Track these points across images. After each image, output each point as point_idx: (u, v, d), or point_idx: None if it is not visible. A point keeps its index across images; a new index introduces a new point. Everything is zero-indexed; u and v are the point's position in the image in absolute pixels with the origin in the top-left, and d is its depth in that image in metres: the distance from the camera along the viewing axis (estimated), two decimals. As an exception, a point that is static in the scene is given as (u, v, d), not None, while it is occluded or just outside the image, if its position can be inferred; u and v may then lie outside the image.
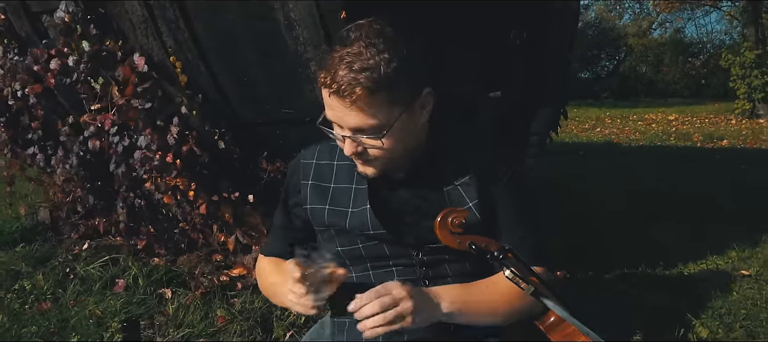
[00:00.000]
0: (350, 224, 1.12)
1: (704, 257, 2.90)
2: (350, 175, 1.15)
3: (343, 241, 1.15)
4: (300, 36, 1.56)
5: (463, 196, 1.12)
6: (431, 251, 1.13)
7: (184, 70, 1.81)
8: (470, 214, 1.09)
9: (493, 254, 0.98)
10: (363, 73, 0.95)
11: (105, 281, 2.54)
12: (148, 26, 1.75)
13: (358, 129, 1.01)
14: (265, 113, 1.83)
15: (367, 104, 0.97)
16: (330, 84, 0.96)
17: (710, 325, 2.14)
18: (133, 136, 2.07)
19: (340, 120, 1.01)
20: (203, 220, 2.41)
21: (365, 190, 1.12)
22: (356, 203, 1.13)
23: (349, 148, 1.03)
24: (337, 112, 1.00)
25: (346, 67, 0.95)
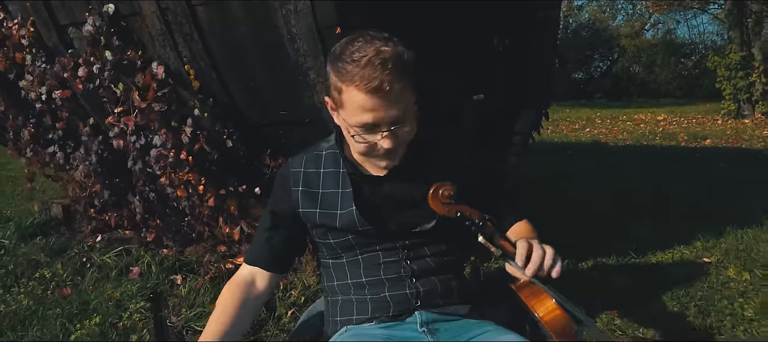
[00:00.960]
0: (340, 224, 1.24)
1: (672, 247, 3.14)
2: (336, 181, 1.27)
3: (336, 235, 1.29)
4: (301, 48, 1.79)
5: None
6: (412, 236, 1.29)
7: (197, 77, 2.04)
8: None
9: (475, 222, 1.12)
10: (395, 67, 1.04)
11: (120, 269, 2.77)
12: (165, 38, 1.98)
13: (396, 120, 1.09)
14: (269, 115, 2.06)
15: (401, 94, 1.07)
16: (375, 88, 1.04)
17: (668, 304, 2.38)
18: (149, 136, 2.30)
19: (380, 118, 1.08)
20: (211, 213, 2.64)
21: (350, 194, 1.24)
22: (343, 206, 1.24)
23: (389, 143, 1.12)
24: (377, 111, 1.07)
25: (380, 67, 1.03)
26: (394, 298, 1.29)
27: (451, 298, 1.34)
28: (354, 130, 1.13)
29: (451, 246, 1.37)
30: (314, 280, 2.42)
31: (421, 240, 1.30)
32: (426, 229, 1.30)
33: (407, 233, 1.28)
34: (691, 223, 3.57)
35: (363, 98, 1.06)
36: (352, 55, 1.08)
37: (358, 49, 1.07)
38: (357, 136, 1.13)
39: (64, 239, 3.32)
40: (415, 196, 1.25)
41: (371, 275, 1.30)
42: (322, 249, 1.36)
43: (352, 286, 1.32)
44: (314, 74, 1.83)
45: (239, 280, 1.32)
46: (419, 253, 1.31)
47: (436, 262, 1.33)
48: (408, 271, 1.30)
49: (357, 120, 1.10)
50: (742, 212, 3.82)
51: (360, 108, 1.08)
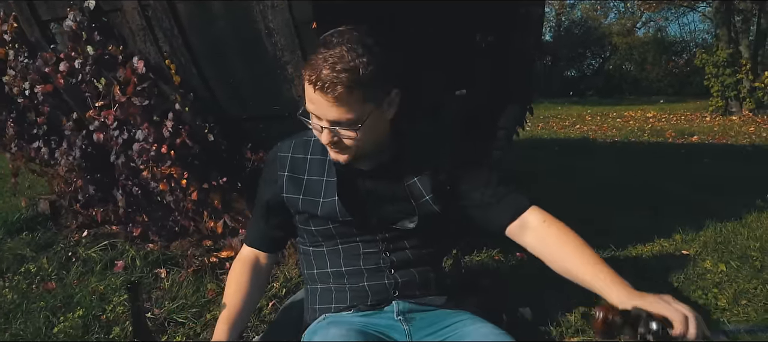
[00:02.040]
0: (322, 212, 1.28)
1: (652, 240, 3.19)
2: (322, 168, 1.30)
3: (317, 223, 1.33)
4: (278, 43, 1.83)
5: (420, 190, 1.32)
6: (392, 230, 1.34)
7: (177, 72, 2.07)
8: (428, 207, 1.32)
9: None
10: (344, 74, 1.07)
11: (105, 263, 2.78)
12: (146, 34, 2.01)
13: (335, 122, 1.13)
14: (249, 110, 2.09)
15: (346, 101, 1.10)
16: (315, 81, 1.09)
17: (643, 295, 2.42)
18: (132, 131, 2.33)
19: (320, 113, 1.14)
20: (195, 207, 2.67)
21: (334, 183, 1.27)
22: (327, 194, 1.28)
23: (326, 138, 1.17)
24: (318, 106, 1.13)
25: (329, 68, 1.07)
26: (373, 287, 1.33)
27: (429, 289, 1.38)
28: (312, 117, 1.19)
29: (430, 239, 1.40)
30: (296, 273, 2.45)
31: (400, 233, 1.34)
32: (406, 227, 1.33)
33: (387, 228, 1.32)
34: (672, 217, 3.61)
35: (309, 88, 1.13)
36: (319, 47, 1.13)
37: (327, 44, 1.12)
38: (313, 120, 1.19)
39: (51, 234, 3.33)
40: (398, 193, 1.30)
41: (351, 265, 1.34)
42: (303, 235, 1.40)
43: (331, 275, 1.36)
44: (292, 68, 1.86)
45: (245, 258, 1.41)
46: (398, 245, 1.35)
47: (415, 254, 1.37)
48: (387, 262, 1.34)
49: (308, 107, 1.17)
50: (722, 206, 3.86)
51: (306, 97, 1.16)
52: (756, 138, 7.90)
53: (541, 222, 1.30)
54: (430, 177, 1.33)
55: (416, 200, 1.32)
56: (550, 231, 1.28)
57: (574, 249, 1.25)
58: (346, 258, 1.35)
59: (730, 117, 11.07)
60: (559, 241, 1.27)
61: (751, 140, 7.67)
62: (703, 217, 3.56)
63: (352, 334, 1.18)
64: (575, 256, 1.24)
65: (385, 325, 1.29)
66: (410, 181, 1.32)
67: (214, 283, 2.41)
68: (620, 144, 7.46)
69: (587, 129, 9.52)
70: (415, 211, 1.32)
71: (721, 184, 4.60)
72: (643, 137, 8.25)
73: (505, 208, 1.32)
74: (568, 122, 10.82)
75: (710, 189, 4.46)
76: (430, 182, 1.33)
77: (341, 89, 1.09)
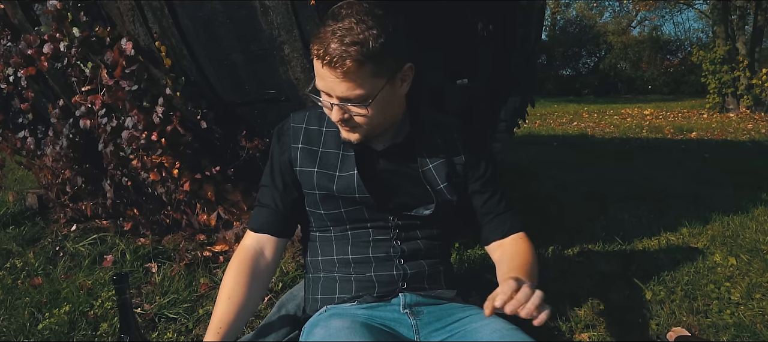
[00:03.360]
0: (337, 187, 1.21)
1: (658, 234, 3.11)
2: (338, 142, 1.24)
3: (328, 205, 1.25)
4: (274, 21, 1.72)
5: (435, 177, 1.27)
6: (405, 217, 1.27)
7: (168, 55, 1.96)
8: (444, 196, 1.27)
9: None
10: (353, 47, 1.02)
11: (94, 257, 2.68)
12: (135, 14, 1.90)
13: (345, 98, 1.09)
14: (244, 94, 1.99)
15: (356, 75, 1.05)
16: (323, 55, 1.04)
17: (654, 288, 2.34)
18: (121, 118, 2.22)
19: (329, 89, 1.09)
20: (187, 199, 2.57)
21: (352, 157, 1.23)
22: (344, 168, 1.22)
23: (337, 115, 1.12)
24: (327, 81, 1.08)
25: (338, 41, 1.02)
26: (380, 278, 1.26)
27: (438, 282, 1.32)
28: (322, 94, 1.14)
29: (442, 230, 1.34)
30: (293, 267, 2.35)
31: (413, 221, 1.28)
32: (422, 214, 1.26)
33: (401, 213, 1.26)
34: (677, 211, 3.55)
35: (317, 63, 1.08)
36: (327, 20, 1.07)
37: (335, 17, 1.06)
38: (322, 97, 1.15)
39: (38, 229, 3.22)
40: (414, 178, 1.25)
41: (358, 253, 1.27)
42: (310, 219, 1.32)
43: (337, 263, 1.28)
44: (288, 49, 1.76)
45: (246, 254, 1.26)
46: (411, 234, 1.28)
47: (426, 245, 1.30)
48: (397, 252, 1.27)
49: (316, 81, 1.12)
50: (727, 201, 3.81)
51: (316, 72, 1.11)
52: (755, 134, 7.87)
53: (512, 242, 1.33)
54: (445, 165, 1.29)
55: (432, 187, 1.27)
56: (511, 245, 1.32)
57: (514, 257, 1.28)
58: (355, 245, 1.28)
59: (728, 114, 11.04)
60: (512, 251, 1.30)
61: (751, 136, 7.63)
62: (709, 211, 3.51)
63: (356, 327, 1.09)
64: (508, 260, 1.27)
65: (390, 319, 1.22)
66: (425, 166, 1.27)
67: (207, 277, 2.30)
68: (619, 140, 7.39)
69: (585, 126, 9.46)
70: (433, 198, 1.26)
71: (723, 179, 4.55)
72: (641, 133, 8.20)
73: (498, 225, 1.33)
74: (566, 119, 10.76)
75: (713, 184, 4.40)
76: (445, 170, 1.28)
77: (350, 63, 1.04)
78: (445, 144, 1.30)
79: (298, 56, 1.76)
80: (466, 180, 1.32)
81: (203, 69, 1.96)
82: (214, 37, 1.85)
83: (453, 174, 1.29)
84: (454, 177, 1.30)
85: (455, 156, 1.30)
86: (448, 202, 1.29)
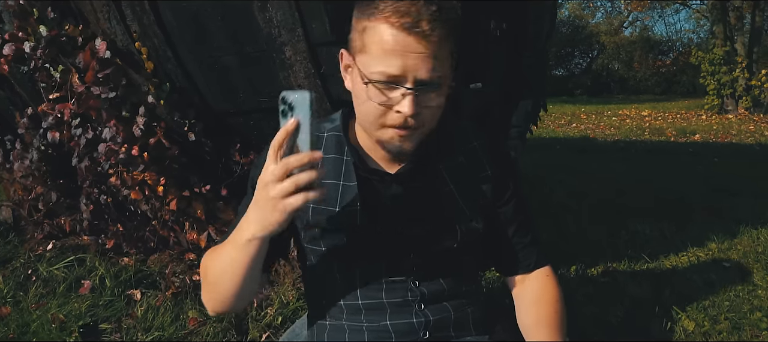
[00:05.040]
0: (337, 225, 1.01)
1: (685, 250, 2.89)
2: (338, 170, 1.01)
3: (329, 241, 1.03)
4: (273, 18, 1.46)
5: (459, 201, 1.04)
6: (424, 252, 1.03)
7: (149, 57, 1.70)
8: (469, 222, 1.04)
9: None
10: (445, 13, 0.85)
11: (70, 283, 2.40)
12: (110, 9, 1.63)
13: (426, 81, 0.86)
14: (237, 102, 1.73)
15: (441, 48, 0.86)
16: (401, 18, 0.83)
17: (696, 317, 2.11)
18: (98, 128, 1.95)
19: (408, 67, 0.85)
20: (174, 217, 2.30)
21: (354, 188, 0.99)
22: (345, 202, 1.00)
23: (410, 107, 0.87)
24: (405, 57, 0.85)
25: (431, 6, 0.84)
26: (398, 327, 1.03)
27: (466, 328, 1.09)
28: (371, 87, 0.88)
29: (469, 265, 1.11)
30: (293, 296, 2.09)
31: (435, 257, 1.05)
32: (445, 247, 1.04)
33: (420, 248, 1.03)
34: (700, 224, 3.34)
35: (393, 35, 0.84)
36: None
37: None
38: (373, 90, 0.88)
39: (11, 247, 2.93)
40: (433, 204, 1.03)
41: (370, 297, 1.03)
42: (310, 257, 1.08)
43: (345, 310, 1.05)
44: (290, 51, 1.50)
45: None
46: (431, 272, 1.05)
47: (451, 284, 1.07)
48: (416, 295, 1.04)
49: (380, 67, 0.86)
50: (749, 211, 3.62)
51: (386, 50, 0.85)
52: (759, 137, 7.72)
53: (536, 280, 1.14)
54: (469, 183, 1.05)
55: (455, 214, 1.04)
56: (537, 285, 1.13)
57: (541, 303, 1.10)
58: (365, 288, 1.04)
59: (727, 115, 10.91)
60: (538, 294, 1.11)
61: (755, 139, 7.47)
62: (733, 223, 3.32)
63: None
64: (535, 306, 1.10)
65: (411, 377, 1.01)
66: (445, 187, 1.03)
67: (195, 309, 2.04)
68: (623, 143, 7.20)
69: (585, 128, 9.27)
70: (456, 228, 1.04)
71: (738, 186, 4.37)
72: (643, 136, 8.02)
73: (524, 257, 1.13)
74: (564, 121, 10.58)
75: (729, 191, 4.22)
76: (469, 190, 1.05)
77: (443, 31, 0.85)
78: (466, 156, 1.06)
79: (302, 60, 1.50)
80: (493, 201, 1.09)
81: (190, 74, 1.70)
82: (202, 37, 1.59)
83: (478, 194, 1.06)
84: (480, 198, 1.06)
85: (480, 171, 1.06)
86: (474, 230, 1.06)
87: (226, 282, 0.94)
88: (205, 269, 1.01)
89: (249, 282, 0.94)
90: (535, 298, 1.10)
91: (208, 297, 1.01)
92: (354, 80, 0.93)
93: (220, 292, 0.97)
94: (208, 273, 1.00)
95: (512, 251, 1.12)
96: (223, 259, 0.94)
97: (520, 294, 1.12)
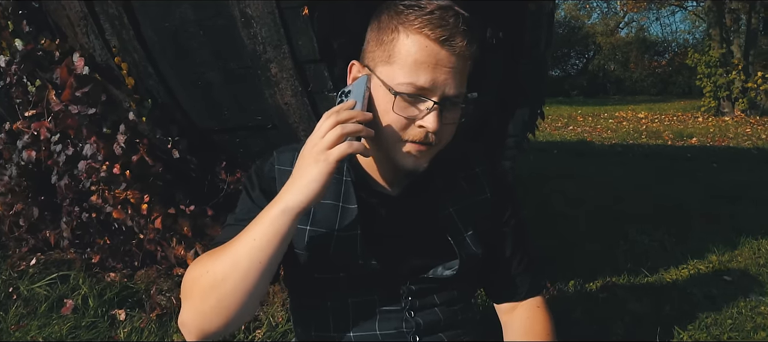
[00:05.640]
0: (335, 250, 0.94)
1: (685, 262, 2.84)
2: (337, 191, 0.95)
3: (322, 269, 0.96)
4: (258, 34, 1.39)
5: (458, 224, 1.00)
6: (421, 281, 0.99)
7: (130, 73, 1.62)
8: (469, 248, 0.99)
9: None
10: (464, 23, 0.83)
11: (52, 302, 2.32)
12: (88, 24, 1.56)
13: (451, 97, 0.86)
14: (222, 120, 1.65)
15: (466, 67, 0.87)
16: (439, 32, 0.82)
17: (698, 337, 2.04)
18: (78, 144, 1.87)
19: (438, 81, 0.84)
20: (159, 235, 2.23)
21: (355, 212, 0.94)
22: (344, 226, 0.94)
23: (434, 123, 0.85)
24: (437, 71, 0.83)
25: (452, 17, 0.83)
26: None
27: None
28: (398, 99, 0.85)
29: (465, 293, 1.07)
30: (283, 317, 2.01)
31: (430, 286, 1.00)
32: (442, 276, 0.99)
33: (417, 277, 0.99)
34: (700, 234, 3.28)
35: (426, 46, 0.82)
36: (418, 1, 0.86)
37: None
38: (399, 102, 0.85)
39: (-6, 262, 2.85)
40: (432, 228, 0.99)
41: (363, 329, 0.97)
42: (300, 282, 1.01)
43: None
44: (276, 68, 1.42)
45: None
46: (427, 301, 1.01)
47: (447, 314, 1.02)
48: (411, 327, 0.98)
49: (409, 79, 0.84)
50: (749, 219, 3.58)
51: (417, 62, 0.83)
52: (756, 140, 7.68)
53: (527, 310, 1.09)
54: (469, 207, 1.01)
55: (454, 238, 0.99)
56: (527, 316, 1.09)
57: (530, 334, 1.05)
58: (357, 320, 0.98)
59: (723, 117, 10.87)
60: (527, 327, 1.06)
61: (752, 142, 7.42)
62: (733, 232, 3.27)
63: None
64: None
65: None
66: (445, 210, 0.99)
67: (179, 334, 1.95)
68: (620, 147, 7.14)
69: (581, 130, 9.21)
70: (455, 253, 0.98)
71: (737, 193, 4.32)
72: (640, 139, 7.97)
73: (517, 285, 1.09)
74: (560, 123, 10.52)
75: (729, 198, 4.17)
76: (470, 214, 1.01)
77: (472, 49, 0.85)
78: (468, 181, 1.03)
79: (288, 77, 1.43)
80: (492, 226, 1.04)
81: (173, 90, 1.62)
82: (184, 52, 1.51)
83: (479, 218, 1.02)
84: (480, 222, 1.02)
85: (480, 194, 1.03)
86: (473, 256, 1.00)
87: (239, 276, 0.80)
88: (199, 275, 0.84)
89: (266, 277, 0.82)
90: (524, 329, 1.06)
91: (200, 309, 0.83)
92: (376, 93, 0.88)
93: (225, 293, 0.80)
94: (205, 276, 0.83)
95: (504, 278, 1.09)
96: (236, 250, 0.81)
97: (509, 323, 1.09)
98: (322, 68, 1.38)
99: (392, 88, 0.84)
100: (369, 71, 0.90)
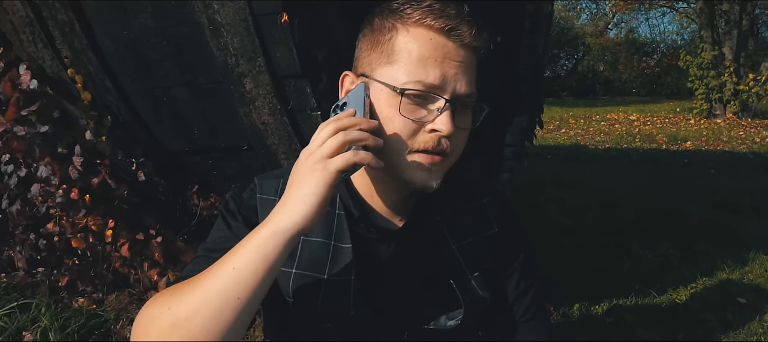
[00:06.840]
0: (324, 297, 0.79)
1: (693, 280, 2.68)
2: (328, 227, 0.80)
3: (310, 317, 0.80)
4: (229, 45, 1.20)
5: (461, 264, 0.84)
6: (421, 332, 0.84)
7: (86, 87, 1.42)
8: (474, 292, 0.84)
9: None
10: (468, 15, 0.74)
11: (9, 335, 2.11)
12: (34, 31, 1.36)
13: (463, 96, 0.74)
14: (192, 140, 1.46)
15: (475, 64, 0.76)
16: (443, 22, 0.72)
17: (715, 368, 1.89)
18: (32, 165, 1.67)
19: (452, 78, 0.73)
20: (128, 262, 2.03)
21: (349, 253, 0.78)
22: (336, 268, 0.79)
23: (447, 125, 0.72)
24: (446, 63, 0.72)
25: (455, 9, 0.73)
26: None
27: None
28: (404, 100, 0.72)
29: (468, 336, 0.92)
30: None
31: (433, 338, 0.86)
32: (445, 327, 0.84)
33: (417, 327, 0.85)
34: (706, 247, 3.14)
35: (431, 38, 0.72)
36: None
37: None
38: (406, 104, 0.72)
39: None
40: (433, 270, 0.84)
41: None
42: (283, 330, 0.86)
43: None
44: (251, 83, 1.23)
45: None
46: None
47: None
48: None
49: (415, 76, 0.72)
50: (755, 229, 3.47)
51: (422, 57, 0.72)
52: (751, 144, 7.60)
53: None
54: (474, 244, 0.87)
55: (457, 280, 0.84)
56: None
57: None
58: None
59: (715, 120, 10.81)
60: None
61: (748, 147, 7.33)
62: (740, 246, 3.13)
63: None
64: None
65: None
66: (448, 247, 0.85)
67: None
68: (614, 151, 7.01)
69: (574, 134, 9.09)
70: (460, 302, 0.84)
71: (739, 201, 4.22)
72: (634, 143, 7.86)
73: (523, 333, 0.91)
74: (553, 126, 10.41)
75: (731, 207, 4.04)
76: (475, 252, 0.86)
77: (479, 42, 0.75)
78: (471, 212, 0.88)
79: (265, 94, 1.23)
80: (498, 266, 0.89)
81: (135, 107, 1.42)
82: (145, 65, 1.31)
83: (485, 257, 0.86)
84: (486, 261, 0.86)
85: (487, 230, 0.88)
86: (479, 300, 0.85)
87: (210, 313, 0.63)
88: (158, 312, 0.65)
89: (245, 316, 0.64)
90: None
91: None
92: (377, 100, 0.74)
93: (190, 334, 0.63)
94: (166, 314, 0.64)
95: (509, 323, 0.92)
96: (208, 283, 0.64)
97: None
98: (304, 84, 1.19)
99: (398, 87, 0.72)
100: (366, 78, 0.75)
